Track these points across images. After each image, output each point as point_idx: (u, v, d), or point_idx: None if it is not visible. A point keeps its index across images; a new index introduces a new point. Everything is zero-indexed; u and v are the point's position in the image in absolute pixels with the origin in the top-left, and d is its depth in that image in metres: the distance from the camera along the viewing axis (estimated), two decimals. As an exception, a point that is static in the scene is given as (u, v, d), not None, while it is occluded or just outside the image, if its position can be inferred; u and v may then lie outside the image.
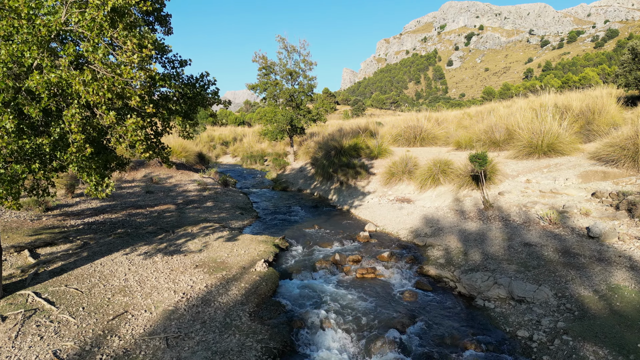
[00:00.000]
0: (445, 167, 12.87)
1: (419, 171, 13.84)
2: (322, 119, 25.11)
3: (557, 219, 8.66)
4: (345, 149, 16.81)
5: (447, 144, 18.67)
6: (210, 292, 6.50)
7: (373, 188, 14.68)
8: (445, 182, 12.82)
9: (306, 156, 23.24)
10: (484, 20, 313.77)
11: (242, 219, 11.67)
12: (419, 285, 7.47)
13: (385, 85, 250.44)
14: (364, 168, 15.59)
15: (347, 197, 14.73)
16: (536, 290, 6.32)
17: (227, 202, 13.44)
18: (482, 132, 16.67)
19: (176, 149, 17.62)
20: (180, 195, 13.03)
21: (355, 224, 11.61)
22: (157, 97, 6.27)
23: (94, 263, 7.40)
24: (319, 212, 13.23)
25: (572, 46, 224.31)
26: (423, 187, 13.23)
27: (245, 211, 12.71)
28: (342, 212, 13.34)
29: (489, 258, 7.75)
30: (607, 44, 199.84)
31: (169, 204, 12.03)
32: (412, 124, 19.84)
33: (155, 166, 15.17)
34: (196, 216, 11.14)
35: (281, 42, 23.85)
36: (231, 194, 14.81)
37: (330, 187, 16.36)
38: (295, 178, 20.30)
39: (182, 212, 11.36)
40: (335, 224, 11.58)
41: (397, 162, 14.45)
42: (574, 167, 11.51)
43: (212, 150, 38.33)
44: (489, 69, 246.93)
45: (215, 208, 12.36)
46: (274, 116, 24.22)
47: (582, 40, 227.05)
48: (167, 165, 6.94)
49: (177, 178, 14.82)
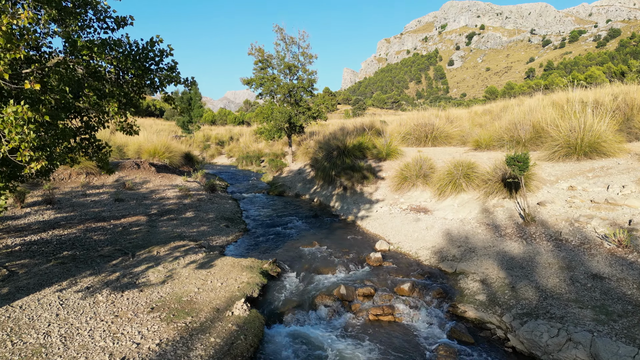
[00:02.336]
0: (469, 171, 10.87)
1: (436, 175, 11.85)
2: (323, 117, 23.11)
3: (627, 241, 6.65)
4: (350, 149, 14.81)
5: (463, 143, 16.67)
6: (164, 356, 4.50)
7: (382, 194, 12.68)
8: (468, 189, 10.82)
9: (305, 157, 21.25)
10: (485, 20, 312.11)
11: (227, 234, 9.67)
12: (454, 334, 5.48)
13: (386, 85, 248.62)
14: (371, 171, 13.59)
15: (352, 204, 12.73)
16: (636, 355, 4.33)
17: (212, 211, 11.45)
18: (504, 130, 14.67)
19: (158, 148, 15.60)
20: (155, 204, 11.03)
21: (363, 240, 9.60)
22: (82, 72, 4.22)
23: (12, 305, 5.40)
24: (320, 224, 11.23)
25: (574, 46, 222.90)
26: (442, 194, 11.23)
27: (231, 223, 10.72)
28: (347, 224, 11.34)
29: (548, 296, 5.75)
30: (609, 43, 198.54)
31: (140, 215, 10.05)
32: (423, 122, 17.82)
33: (131, 169, 13.17)
34: (169, 231, 9.13)
35: (279, 32, 21.86)
36: (218, 201, 12.82)
37: (333, 193, 14.35)
38: (293, 181, 18.30)
39: (153, 226, 9.36)
40: (339, 240, 9.58)
41: (410, 165, 12.44)
42: (626, 171, 9.50)
43: (206, 150, 36.32)
44: (490, 69, 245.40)
45: (196, 220, 10.36)
46: (271, 113, 22.23)
47: (584, 40, 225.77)
48: (106, 171, 4.93)
49: (155, 183, 12.83)
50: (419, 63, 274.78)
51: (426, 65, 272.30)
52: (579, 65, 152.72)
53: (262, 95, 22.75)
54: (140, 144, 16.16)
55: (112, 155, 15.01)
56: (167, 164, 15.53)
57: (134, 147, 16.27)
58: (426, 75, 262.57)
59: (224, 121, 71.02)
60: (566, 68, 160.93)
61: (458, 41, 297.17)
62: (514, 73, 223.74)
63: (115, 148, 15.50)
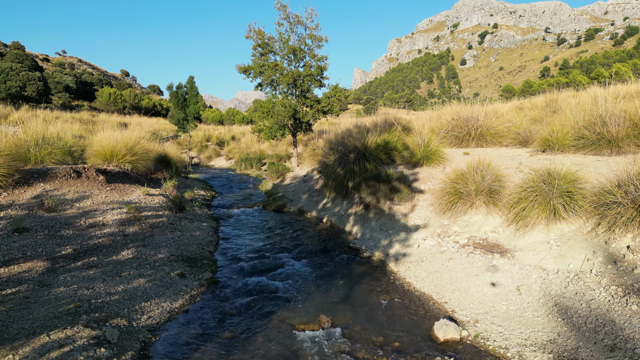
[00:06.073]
0: (570, 186, 6.81)
1: (507, 192, 7.80)
2: (335, 112, 19.03)
3: None
4: (372, 151, 10.74)
5: (521, 143, 12.55)
6: None
7: (423, 218, 8.63)
8: (569, 215, 6.74)
9: (313, 160, 17.24)
10: (498, 19, 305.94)
11: (175, 294, 5.72)
12: None
13: (397, 84, 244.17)
14: (404, 182, 9.53)
15: (379, 232, 8.71)
16: None
17: (166, 245, 7.51)
18: (586, 125, 10.58)
19: (117, 150, 11.65)
20: (77, 237, 7.14)
21: (406, 310, 5.56)
22: None
23: None
24: (331, 268, 7.22)
25: (590, 44, 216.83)
26: (521, 221, 7.16)
27: (192, 268, 6.76)
28: (373, 267, 7.30)
29: None
30: (626, 41, 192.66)
31: (39, 258, 6.16)
32: (465, 116, 13.70)
33: (65, 179, 9.23)
34: (68, 296, 5.19)
35: (282, 10, 17.83)
36: (184, 226, 8.88)
37: (349, 212, 10.33)
38: (296, 192, 14.31)
39: (44, 284, 5.44)
40: (365, 308, 5.57)
41: (465, 174, 8.39)
42: None
43: (204, 151, 32.46)
44: (504, 68, 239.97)
45: (132, 265, 6.42)
46: (272, 107, 18.24)
47: (600, 38, 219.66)
48: None
49: (96, 199, 8.93)
50: (430, 62, 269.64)
51: (438, 64, 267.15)
52: (596, 64, 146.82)
53: (262, 87, 18.77)
54: (102, 143, 12.28)
55: (54, 159, 11.12)
56: (129, 170, 11.64)
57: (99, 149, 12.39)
58: (438, 74, 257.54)
59: (232, 121, 67.38)
60: (582, 67, 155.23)
61: (470, 40, 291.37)
62: (528, 72, 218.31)
63: (64, 149, 11.64)
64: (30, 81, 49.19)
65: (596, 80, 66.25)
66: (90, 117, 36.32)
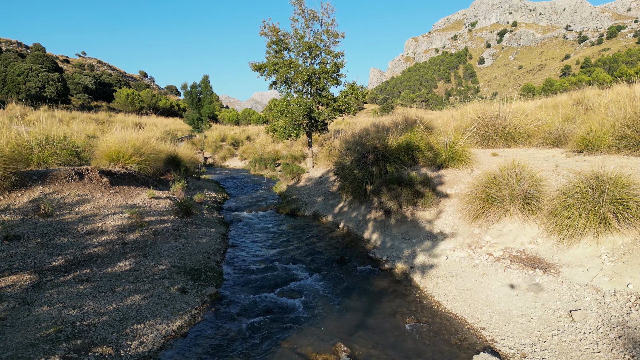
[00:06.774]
0: (623, 193, 5.95)
1: (547, 197, 6.96)
2: (352, 111, 18.28)
3: None
4: (392, 151, 9.96)
5: (553, 143, 11.63)
6: None
7: (451, 226, 7.82)
8: (622, 226, 5.88)
9: (328, 161, 16.52)
10: (518, 17, 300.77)
11: (174, 313, 5.07)
12: None
13: (414, 84, 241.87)
14: (428, 185, 8.72)
15: (401, 241, 7.94)
16: None
17: (168, 255, 6.88)
18: (628, 123, 9.64)
19: (123, 150, 11.10)
20: (72, 245, 6.54)
21: (435, 336, 4.79)
22: None
23: None
24: (349, 282, 6.48)
25: (613, 42, 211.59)
26: (564, 231, 6.32)
27: (195, 281, 6.10)
28: (396, 282, 6.54)
29: None
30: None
31: (27, 270, 5.57)
32: (492, 114, 12.80)
33: (66, 181, 8.70)
34: (51, 317, 4.56)
35: (297, 5, 17.16)
36: (189, 233, 8.24)
37: (368, 217, 9.57)
38: (311, 194, 13.60)
39: (27, 302, 4.83)
40: (387, 333, 4.82)
41: (496, 177, 7.56)
42: None
43: (218, 152, 32.01)
44: (523, 67, 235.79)
45: (130, 277, 5.79)
46: (287, 106, 17.59)
47: (623, 36, 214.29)
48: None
49: (98, 203, 8.34)
50: (448, 62, 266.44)
51: (455, 63, 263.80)
52: (619, 62, 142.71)
53: (277, 85, 18.13)
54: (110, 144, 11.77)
55: (58, 160, 10.63)
56: (136, 171, 11.08)
57: (105, 150, 11.88)
58: (455, 73, 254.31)
59: (248, 121, 67.04)
60: (605, 65, 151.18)
61: (489, 39, 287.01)
62: (549, 71, 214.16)
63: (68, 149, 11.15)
64: (50, 82, 49.52)
65: (620, 78, 64.07)
66: (107, 118, 36.22)
